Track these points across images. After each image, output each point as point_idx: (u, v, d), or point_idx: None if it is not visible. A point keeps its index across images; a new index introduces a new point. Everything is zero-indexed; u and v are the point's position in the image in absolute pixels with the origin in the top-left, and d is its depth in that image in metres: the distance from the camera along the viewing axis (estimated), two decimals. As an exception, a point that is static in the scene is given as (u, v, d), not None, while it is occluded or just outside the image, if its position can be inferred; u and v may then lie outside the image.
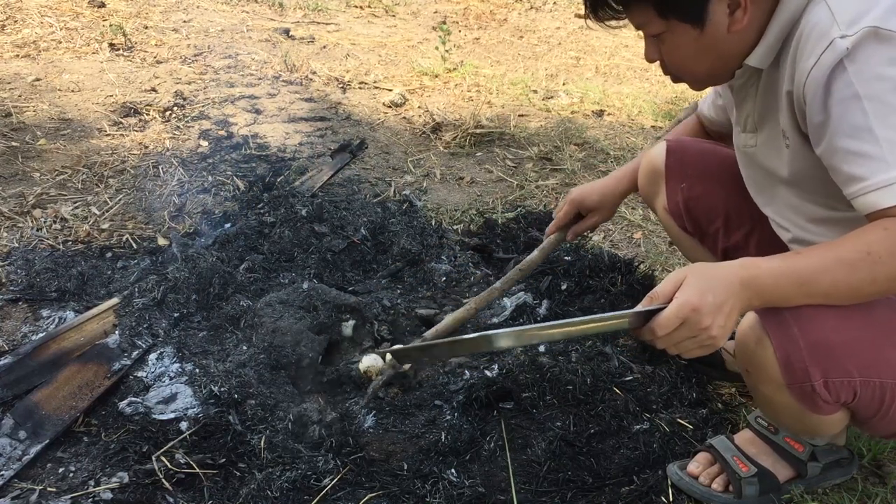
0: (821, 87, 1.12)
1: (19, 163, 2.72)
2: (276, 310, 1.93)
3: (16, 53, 3.75)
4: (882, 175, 1.07)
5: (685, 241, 1.86)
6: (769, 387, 1.28)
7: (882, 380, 1.22)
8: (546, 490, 1.52)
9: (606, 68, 4.65)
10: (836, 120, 1.12)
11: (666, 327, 1.09)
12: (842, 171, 1.14)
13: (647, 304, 1.12)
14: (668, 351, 1.14)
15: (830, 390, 1.22)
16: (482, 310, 1.99)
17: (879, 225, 1.09)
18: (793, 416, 1.35)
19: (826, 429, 1.39)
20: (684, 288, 1.10)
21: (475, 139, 3.30)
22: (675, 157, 1.75)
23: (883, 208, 1.08)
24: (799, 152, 1.28)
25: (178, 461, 1.51)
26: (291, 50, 4.22)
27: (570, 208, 1.87)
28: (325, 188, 2.74)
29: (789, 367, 1.21)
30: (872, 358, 1.22)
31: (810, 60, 1.13)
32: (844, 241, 1.12)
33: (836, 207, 1.30)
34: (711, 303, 1.08)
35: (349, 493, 1.49)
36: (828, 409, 1.27)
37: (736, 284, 1.10)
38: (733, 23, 1.22)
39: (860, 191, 1.11)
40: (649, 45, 1.33)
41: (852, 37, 1.09)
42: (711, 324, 1.08)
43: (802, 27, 1.17)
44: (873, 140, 1.08)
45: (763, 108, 1.35)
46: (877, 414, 1.27)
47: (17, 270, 2.10)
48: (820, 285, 1.12)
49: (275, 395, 1.71)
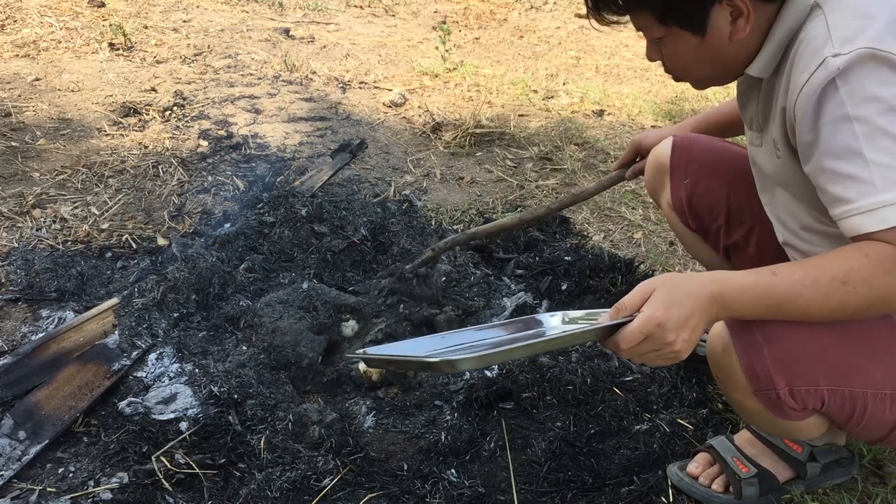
0: (811, 106, 1.11)
1: (19, 163, 2.72)
2: (275, 310, 1.93)
3: (15, 53, 3.75)
4: (868, 199, 1.06)
5: (688, 238, 1.86)
6: (738, 393, 1.29)
7: (851, 388, 1.22)
8: (546, 490, 1.52)
9: (606, 68, 4.65)
10: (825, 140, 1.10)
11: (630, 342, 1.08)
12: (828, 191, 1.12)
13: (613, 316, 1.12)
14: (632, 361, 1.14)
15: (796, 398, 1.22)
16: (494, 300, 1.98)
17: (861, 251, 1.08)
18: (766, 421, 1.35)
19: (803, 433, 1.39)
20: (651, 301, 1.09)
21: (475, 139, 3.30)
22: (680, 153, 1.75)
23: (866, 233, 1.07)
24: (788, 165, 1.27)
25: (178, 461, 1.51)
26: (291, 50, 4.22)
27: (630, 150, 1.97)
28: (325, 188, 2.74)
29: (753, 374, 1.22)
30: (841, 367, 1.21)
31: (803, 76, 1.12)
32: (822, 264, 1.10)
33: (823, 221, 1.29)
34: (677, 317, 1.07)
35: (349, 493, 1.49)
36: (796, 415, 1.27)
37: (704, 299, 1.09)
38: (735, 31, 1.20)
39: (845, 213, 1.09)
40: (650, 46, 1.32)
41: (845, 56, 1.07)
42: (675, 339, 1.08)
43: (801, 39, 1.16)
44: (862, 163, 1.06)
45: (763, 114, 1.35)
46: (850, 420, 1.27)
47: (16, 270, 2.10)
48: (790, 309, 1.11)
49: (275, 396, 1.71)
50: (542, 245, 2.41)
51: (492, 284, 2.19)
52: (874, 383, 1.22)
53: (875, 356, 1.22)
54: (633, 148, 1.95)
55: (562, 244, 2.44)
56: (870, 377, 1.22)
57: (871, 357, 1.22)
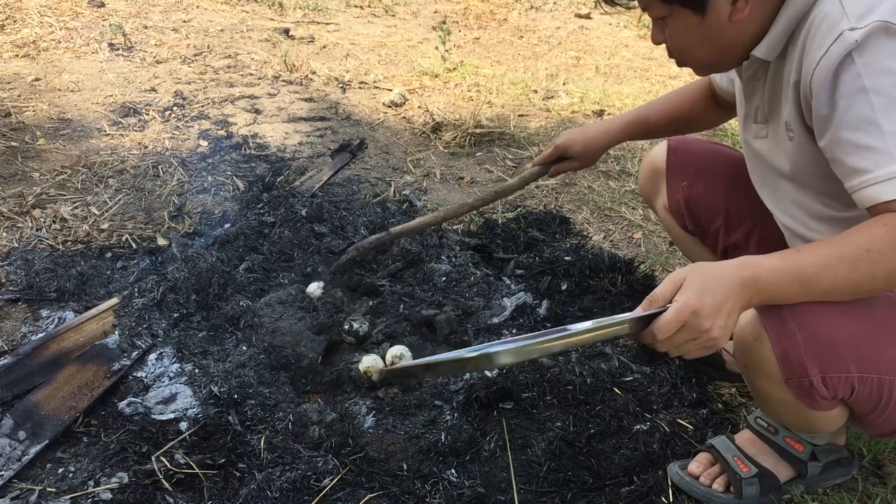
0: (828, 79, 1.12)
1: (19, 163, 2.72)
2: (275, 310, 1.93)
3: (15, 53, 3.75)
4: (885, 168, 1.07)
5: (685, 241, 1.86)
6: (767, 383, 1.28)
7: (880, 376, 1.22)
8: (546, 490, 1.52)
9: (606, 68, 4.65)
10: (841, 112, 1.12)
11: (666, 331, 1.08)
12: (845, 163, 1.14)
13: (646, 307, 1.12)
14: (670, 353, 1.14)
15: (828, 386, 1.22)
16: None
17: (879, 221, 1.09)
18: (791, 413, 1.35)
19: (824, 425, 1.39)
20: (683, 290, 1.09)
21: (475, 139, 3.30)
22: (676, 156, 1.75)
23: (885, 201, 1.08)
24: (801, 146, 1.28)
25: (178, 461, 1.51)
26: (291, 50, 4.22)
27: (553, 151, 2.00)
28: (325, 188, 2.74)
29: (787, 362, 1.22)
30: (871, 354, 1.22)
31: (819, 52, 1.13)
32: (844, 237, 1.11)
33: (833, 206, 1.30)
34: (711, 304, 1.07)
35: (349, 493, 1.49)
36: (825, 404, 1.28)
37: (736, 284, 1.10)
38: (735, 12, 1.23)
39: (862, 183, 1.11)
40: (655, 27, 1.35)
41: (862, 29, 1.09)
42: (712, 325, 1.08)
43: (812, 19, 1.18)
44: (878, 133, 1.08)
45: (771, 101, 1.35)
46: (874, 410, 1.27)
47: (16, 270, 2.10)
48: (820, 283, 1.11)
49: (275, 396, 1.71)
50: (542, 245, 2.41)
51: (492, 284, 2.19)
52: None
53: None
54: (557, 149, 1.99)
55: (562, 244, 2.44)
56: None
57: None
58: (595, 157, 1.99)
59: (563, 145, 1.97)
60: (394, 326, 1.97)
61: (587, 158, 1.98)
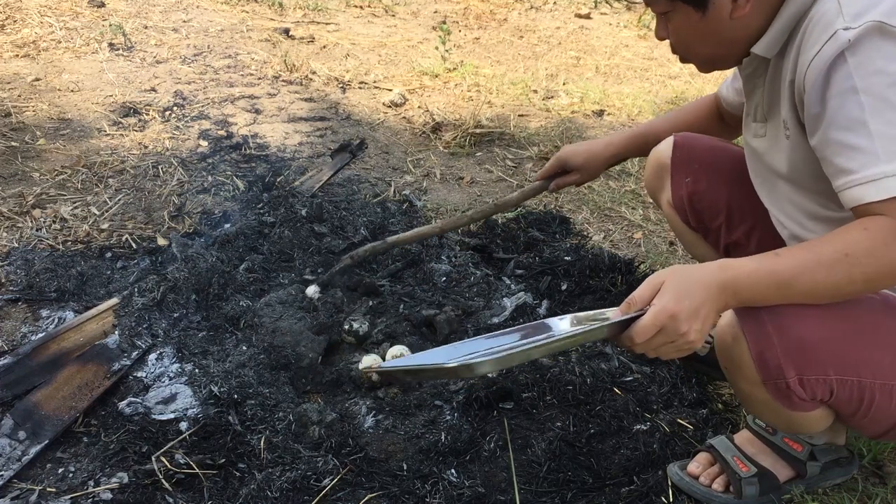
0: (820, 78, 1.13)
1: (19, 163, 2.72)
2: (275, 310, 1.93)
3: (15, 53, 3.75)
4: (871, 169, 1.07)
5: (688, 237, 1.86)
6: (746, 384, 1.29)
7: (860, 379, 1.22)
8: (546, 490, 1.52)
9: (606, 68, 4.65)
10: (831, 111, 1.12)
11: (644, 335, 1.09)
12: (832, 163, 1.14)
13: (624, 310, 1.12)
14: (647, 355, 1.15)
15: (805, 387, 1.22)
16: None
17: (860, 224, 1.09)
18: (772, 413, 1.35)
19: (808, 426, 1.38)
20: (662, 294, 1.09)
21: (475, 139, 3.30)
22: (681, 152, 1.76)
23: (867, 202, 1.08)
24: (797, 144, 1.28)
25: (178, 461, 1.51)
26: (291, 50, 4.22)
27: (555, 164, 2.00)
28: (325, 188, 2.74)
29: (763, 363, 1.22)
30: (851, 356, 1.22)
31: (813, 50, 1.14)
32: (824, 241, 1.12)
33: (829, 206, 1.30)
34: (688, 307, 1.08)
35: (349, 493, 1.49)
36: (804, 405, 1.27)
37: (713, 287, 1.10)
38: (736, 9, 1.24)
39: (848, 184, 1.11)
40: (659, 22, 1.36)
41: (855, 29, 1.09)
42: (689, 329, 1.09)
43: (811, 17, 1.18)
44: (866, 134, 1.08)
45: (770, 99, 1.36)
46: (857, 412, 1.27)
47: (16, 270, 2.10)
48: (798, 287, 1.12)
49: (274, 396, 1.71)
50: (542, 245, 2.41)
51: (492, 284, 2.19)
52: (882, 374, 1.22)
53: (883, 346, 1.22)
54: (558, 163, 1.98)
55: (562, 244, 2.44)
56: (878, 368, 1.22)
57: (879, 347, 1.22)
58: (597, 171, 1.98)
59: (564, 158, 1.97)
60: (394, 326, 1.97)
61: (589, 172, 1.97)
